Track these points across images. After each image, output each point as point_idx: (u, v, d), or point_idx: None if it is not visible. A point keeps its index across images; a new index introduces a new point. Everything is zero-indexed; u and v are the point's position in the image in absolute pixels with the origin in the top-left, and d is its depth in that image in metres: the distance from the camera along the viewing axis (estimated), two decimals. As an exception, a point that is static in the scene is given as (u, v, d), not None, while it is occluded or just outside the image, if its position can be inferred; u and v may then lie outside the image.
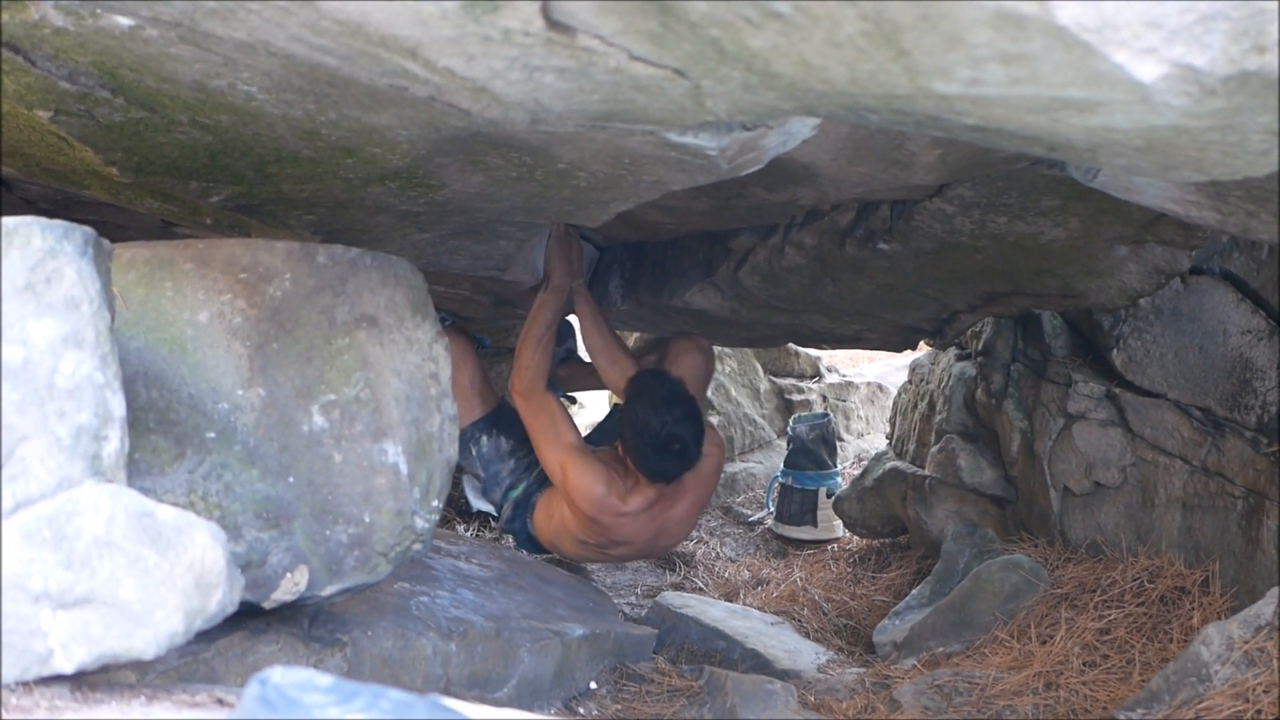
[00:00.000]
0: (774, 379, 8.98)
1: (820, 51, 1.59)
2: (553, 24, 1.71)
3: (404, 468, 2.79)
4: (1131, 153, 1.90)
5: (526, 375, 5.02)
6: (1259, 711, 2.89)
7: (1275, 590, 3.23)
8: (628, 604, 6.24)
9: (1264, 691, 2.94)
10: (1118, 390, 5.00)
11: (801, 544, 7.56)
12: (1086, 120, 1.68)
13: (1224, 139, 1.72)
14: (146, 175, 2.93)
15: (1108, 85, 1.48)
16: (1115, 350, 4.99)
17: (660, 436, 4.65)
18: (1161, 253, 4.27)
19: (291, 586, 2.64)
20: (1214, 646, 3.15)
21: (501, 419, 5.35)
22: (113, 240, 2.18)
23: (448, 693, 3.36)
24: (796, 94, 1.85)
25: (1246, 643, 3.10)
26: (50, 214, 3.66)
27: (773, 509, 7.83)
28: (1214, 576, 4.57)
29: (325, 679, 1.34)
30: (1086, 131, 1.76)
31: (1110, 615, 4.54)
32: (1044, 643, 4.50)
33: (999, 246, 4.21)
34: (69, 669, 1.71)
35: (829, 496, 7.47)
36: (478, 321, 6.42)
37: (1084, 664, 4.27)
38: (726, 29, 1.58)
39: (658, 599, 5.74)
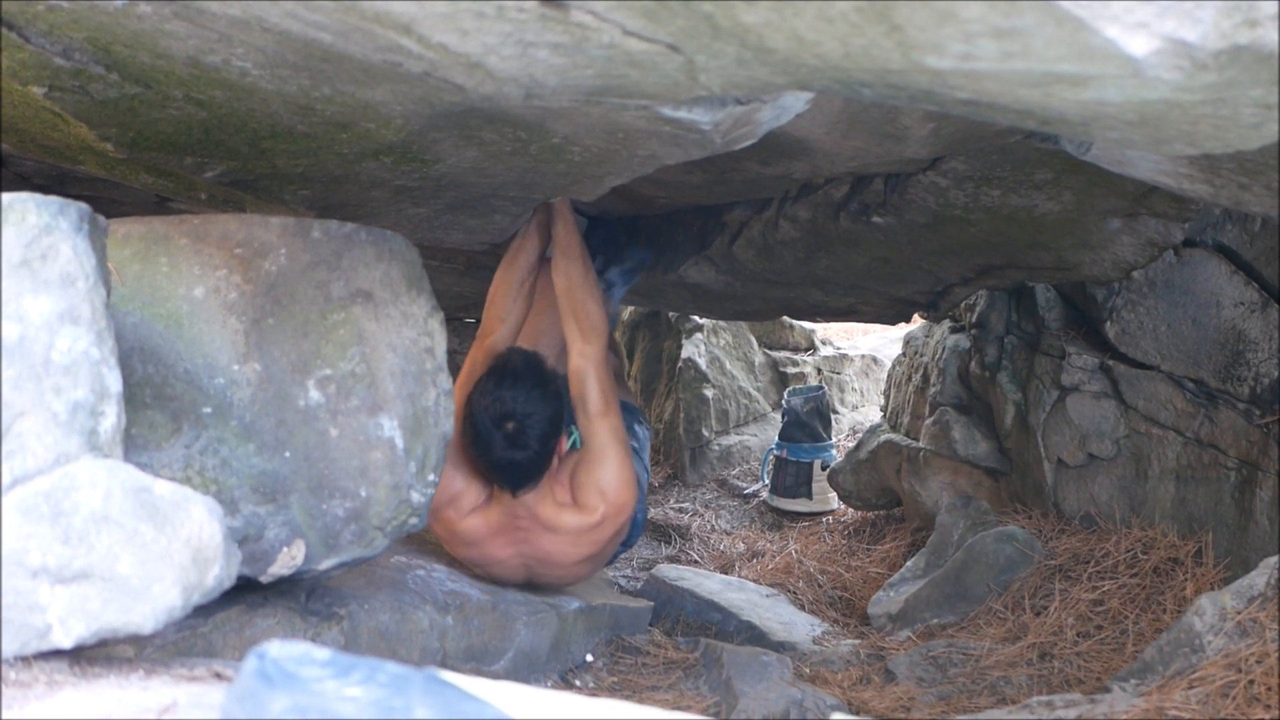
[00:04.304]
0: (768, 352, 8.99)
1: (813, 26, 1.59)
2: (546, -1, 1.71)
3: (400, 442, 2.80)
4: (1124, 126, 1.90)
5: (504, 327, 4.16)
6: (1251, 681, 2.90)
7: (1269, 561, 3.24)
8: (624, 576, 6.27)
9: (1257, 662, 2.95)
10: (1111, 362, 5.02)
11: (796, 516, 7.59)
12: (1079, 94, 1.68)
13: (1216, 113, 1.72)
14: (141, 151, 2.93)
15: (1099, 60, 1.48)
16: (1109, 322, 5.00)
17: (490, 411, 3.67)
18: (1155, 225, 4.27)
19: (288, 561, 2.65)
20: (1207, 617, 3.17)
21: None
22: (107, 216, 2.18)
23: (445, 665, 3.37)
24: (790, 69, 1.85)
25: (1239, 613, 3.12)
26: (45, 189, 3.67)
27: (767, 482, 7.85)
28: (1207, 547, 4.59)
29: (323, 653, 1.35)
30: (1079, 105, 1.77)
31: (1104, 586, 4.56)
32: (1038, 614, 4.53)
33: (992, 219, 4.22)
34: (68, 644, 1.72)
35: (824, 469, 7.49)
36: (469, 297, 6.41)
37: (1078, 635, 4.30)
38: (720, 4, 1.59)
39: (653, 571, 5.77)
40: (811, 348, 9.30)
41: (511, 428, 3.65)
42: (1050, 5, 1.38)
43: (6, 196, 1.84)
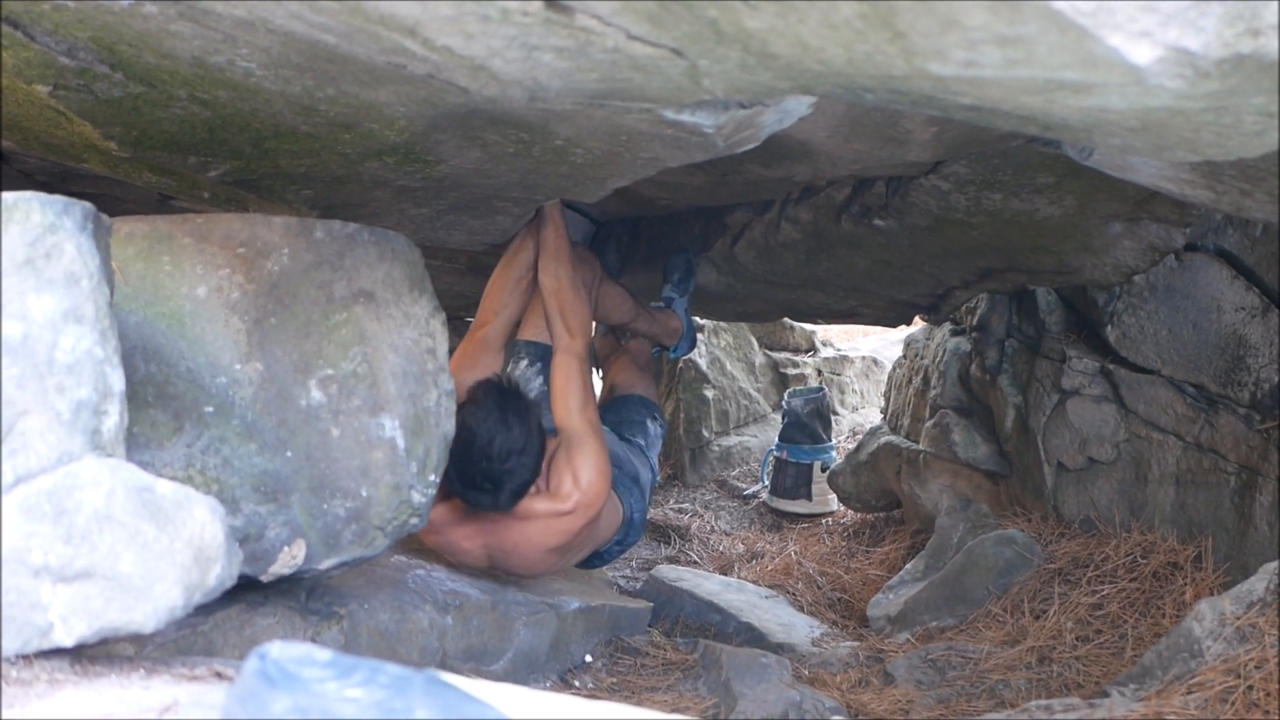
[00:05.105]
0: (769, 353, 9.00)
1: (817, 32, 1.59)
2: (551, 3, 1.71)
3: (401, 442, 2.80)
4: (1126, 133, 1.91)
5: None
6: (1250, 687, 2.91)
7: (1269, 566, 3.25)
8: (623, 576, 6.27)
9: (1255, 667, 2.96)
10: (1112, 366, 5.02)
11: (796, 518, 7.59)
12: (1081, 101, 1.69)
13: (1218, 120, 1.73)
14: (145, 150, 2.93)
15: (1103, 68, 1.49)
16: (1110, 326, 5.00)
17: (467, 466, 3.59)
18: (1156, 230, 4.28)
19: (289, 560, 2.65)
20: (1206, 622, 3.17)
21: None
22: (110, 213, 2.18)
23: (444, 665, 3.38)
24: (793, 74, 1.86)
25: (1238, 618, 3.12)
26: (48, 186, 3.68)
27: (767, 483, 7.86)
28: (1206, 552, 4.59)
29: (324, 654, 1.35)
30: (1081, 112, 1.77)
31: (1103, 590, 4.56)
32: (1037, 618, 4.53)
33: (994, 223, 4.23)
34: (69, 642, 1.72)
35: (823, 470, 7.50)
36: (471, 296, 6.40)
37: (1077, 639, 4.30)
38: (724, 9, 1.59)
39: (653, 572, 5.78)
40: (812, 349, 9.31)
41: (489, 486, 3.62)
42: (1053, 13, 1.38)
43: (11, 196, 1.84)
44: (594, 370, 4.82)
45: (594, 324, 4.65)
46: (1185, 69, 1.45)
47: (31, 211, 1.85)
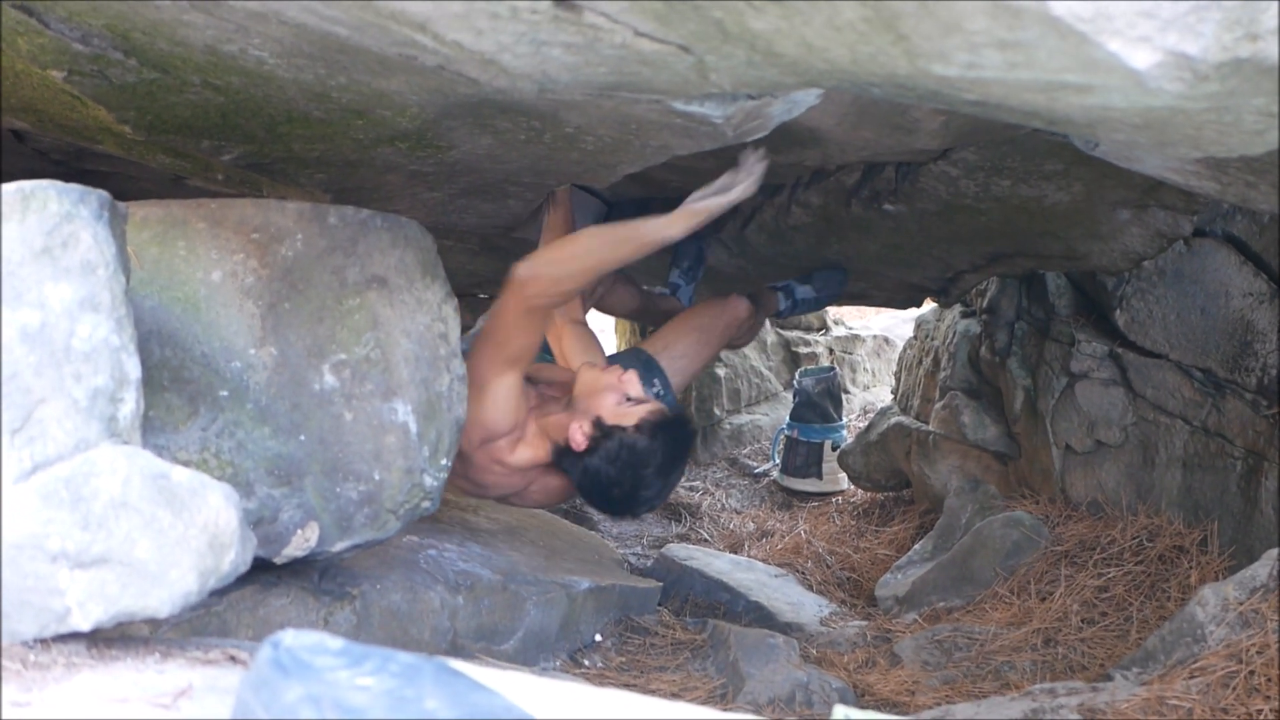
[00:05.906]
0: (780, 331, 8.99)
1: (821, 34, 1.61)
2: (559, 1, 1.74)
3: (413, 427, 2.83)
4: (1129, 129, 1.93)
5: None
6: (1252, 672, 2.93)
7: (1271, 552, 3.26)
8: (634, 554, 6.29)
9: (1258, 653, 2.97)
10: (1120, 350, 5.03)
11: (806, 496, 7.60)
12: (1084, 100, 1.71)
13: (1219, 120, 1.75)
14: (159, 133, 2.96)
15: (1103, 71, 1.51)
16: (1118, 310, 5.01)
17: (628, 502, 3.70)
18: (1164, 217, 4.28)
19: (302, 543, 2.68)
20: (1209, 607, 3.19)
21: None
22: (124, 194, 2.21)
23: (455, 645, 3.41)
24: (799, 71, 1.88)
25: (1242, 604, 3.14)
26: (63, 165, 3.70)
27: (778, 461, 7.87)
28: (1212, 536, 4.61)
29: (336, 642, 1.38)
30: (1084, 110, 1.79)
31: (1109, 573, 4.58)
32: (1043, 599, 4.55)
33: (1002, 209, 4.23)
34: (86, 627, 1.75)
35: (834, 449, 7.51)
36: (482, 275, 6.39)
37: (1082, 621, 4.32)
38: (729, 10, 1.61)
39: (663, 550, 5.79)
40: (823, 327, 9.30)
41: (637, 514, 3.93)
42: (1054, 20, 1.40)
43: (28, 185, 1.87)
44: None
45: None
46: (1185, 72, 1.48)
47: (49, 200, 1.87)
